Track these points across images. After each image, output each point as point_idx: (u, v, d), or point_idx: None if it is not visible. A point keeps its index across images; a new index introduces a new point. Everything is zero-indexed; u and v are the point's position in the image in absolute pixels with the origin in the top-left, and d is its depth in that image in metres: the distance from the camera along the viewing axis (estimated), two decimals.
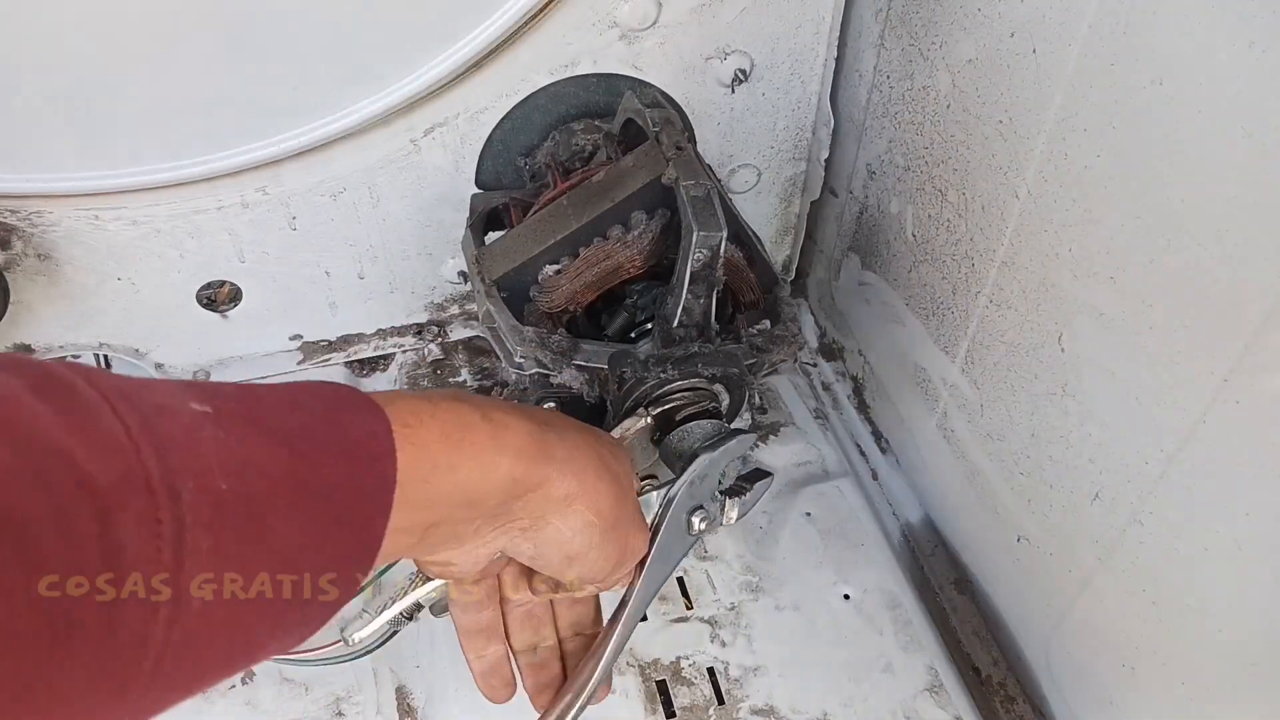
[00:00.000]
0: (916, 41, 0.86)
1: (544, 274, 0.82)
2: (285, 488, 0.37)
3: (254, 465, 0.36)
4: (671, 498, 0.65)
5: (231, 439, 0.36)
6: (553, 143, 0.97)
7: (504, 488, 0.48)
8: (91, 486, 0.30)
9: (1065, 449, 0.77)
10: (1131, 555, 0.72)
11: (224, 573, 0.34)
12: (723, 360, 0.74)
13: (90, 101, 0.84)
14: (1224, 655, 0.67)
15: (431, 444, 0.44)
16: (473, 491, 0.47)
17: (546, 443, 0.50)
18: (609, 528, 0.54)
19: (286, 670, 0.89)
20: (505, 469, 0.48)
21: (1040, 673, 0.90)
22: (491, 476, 0.47)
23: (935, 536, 1.05)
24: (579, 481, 0.52)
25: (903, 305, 0.99)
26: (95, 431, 0.32)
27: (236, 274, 1.04)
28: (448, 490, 0.45)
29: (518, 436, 0.49)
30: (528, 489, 0.50)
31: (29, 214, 0.92)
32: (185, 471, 0.33)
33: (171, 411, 0.35)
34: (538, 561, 0.55)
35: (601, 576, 0.58)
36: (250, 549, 0.35)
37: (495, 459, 0.47)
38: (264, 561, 0.36)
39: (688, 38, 0.93)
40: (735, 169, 1.07)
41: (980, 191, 0.81)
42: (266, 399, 0.39)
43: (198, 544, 0.33)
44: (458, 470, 0.45)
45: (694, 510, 0.67)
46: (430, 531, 0.46)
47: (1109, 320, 0.68)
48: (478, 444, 0.46)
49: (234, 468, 0.35)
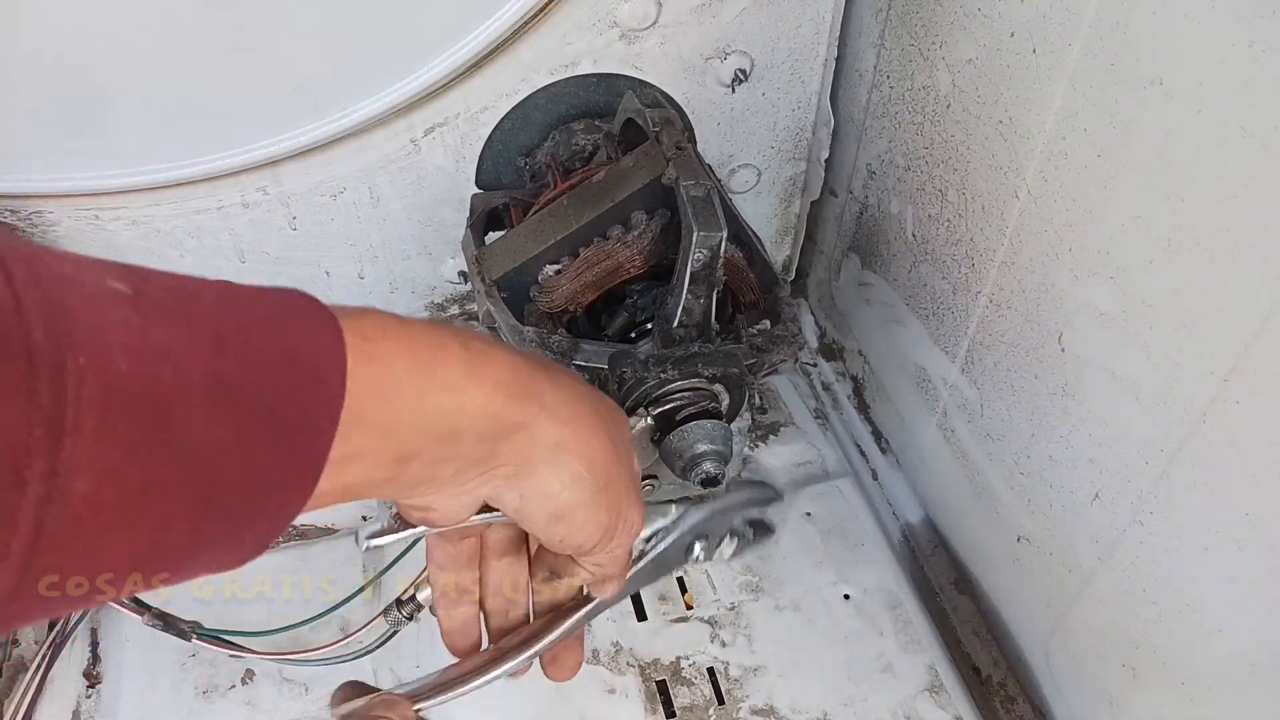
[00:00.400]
0: (916, 41, 0.86)
1: (544, 274, 0.82)
2: (204, 385, 0.32)
3: (168, 355, 0.32)
4: (682, 517, 0.65)
5: (147, 323, 0.32)
6: (553, 143, 0.97)
7: (482, 423, 0.44)
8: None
9: (1065, 449, 0.77)
10: (1131, 555, 0.72)
11: (117, 462, 0.30)
12: (723, 360, 0.74)
13: (90, 101, 0.84)
14: (1224, 655, 0.67)
15: (395, 363, 0.40)
16: (446, 423, 0.43)
17: (534, 382, 0.46)
18: (601, 487, 0.50)
19: (286, 670, 0.89)
20: (481, 400, 0.43)
21: (1040, 673, 0.90)
22: (466, 408, 0.43)
23: (935, 536, 1.05)
24: (572, 430, 0.48)
25: (903, 305, 0.99)
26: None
27: (237, 274, 1.04)
28: (416, 418, 0.41)
29: (499, 369, 0.45)
30: (511, 429, 0.46)
31: (29, 214, 0.92)
32: (76, 346, 0.29)
33: (78, 284, 0.31)
34: (522, 515, 0.50)
35: (589, 544, 0.53)
36: (151, 441, 0.31)
37: (471, 388, 0.43)
38: (169, 460, 0.32)
39: (688, 38, 0.93)
40: (735, 169, 1.07)
41: (980, 191, 0.81)
42: (203, 292, 0.35)
43: (81, 423, 0.29)
44: (426, 396, 0.41)
45: (700, 536, 0.66)
46: (402, 466, 0.42)
47: (1109, 320, 0.68)
48: (451, 370, 0.42)
49: (141, 351, 0.31)
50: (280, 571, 0.97)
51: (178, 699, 0.88)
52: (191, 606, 0.91)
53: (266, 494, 0.36)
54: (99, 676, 0.91)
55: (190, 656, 0.90)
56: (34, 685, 0.88)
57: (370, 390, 0.38)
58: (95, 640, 0.93)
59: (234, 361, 0.34)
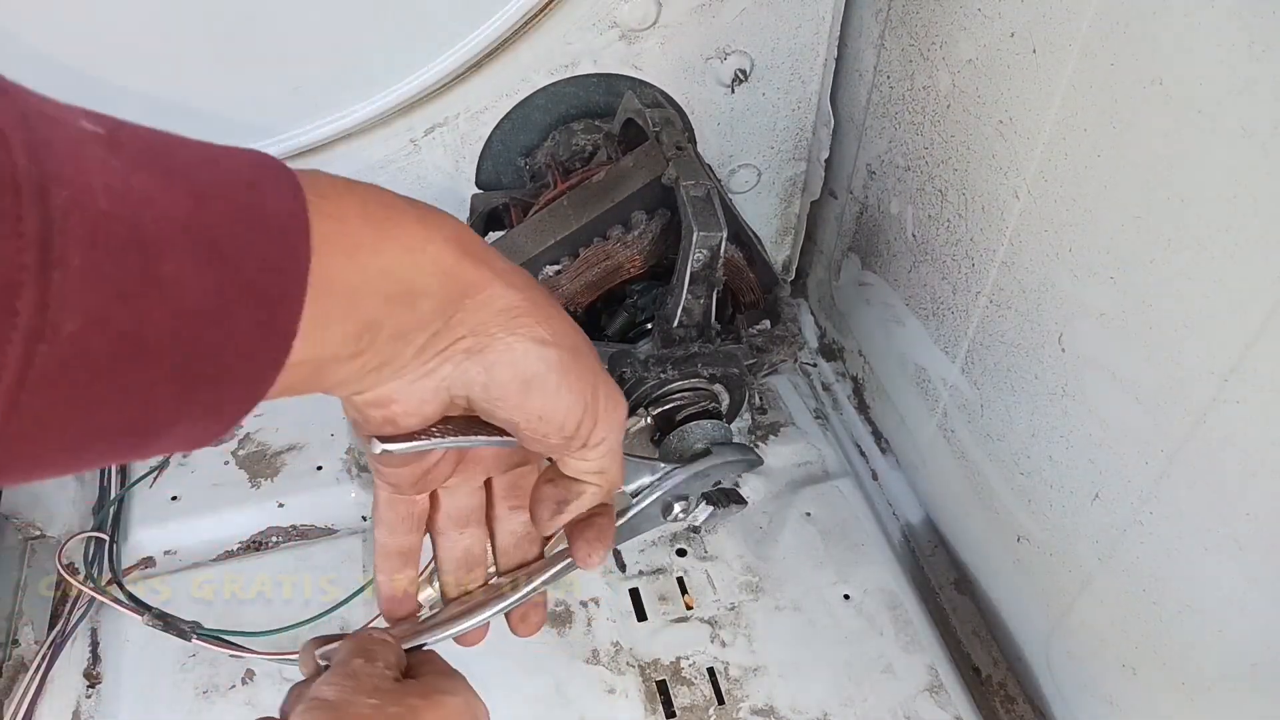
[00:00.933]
0: (916, 41, 0.86)
1: (544, 274, 0.82)
2: (184, 237, 0.32)
3: (148, 201, 0.31)
4: (669, 474, 0.65)
5: (124, 167, 0.31)
6: (553, 143, 0.97)
7: (437, 282, 0.43)
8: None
9: (1065, 449, 0.77)
10: (1131, 555, 0.72)
11: (104, 307, 0.30)
12: (723, 360, 0.74)
13: (89, 102, 0.84)
14: (1224, 655, 0.67)
15: (351, 219, 0.39)
16: (402, 281, 0.42)
17: (482, 247, 0.46)
18: (569, 350, 0.48)
19: (287, 670, 0.89)
20: (434, 255, 0.43)
21: (1040, 673, 0.90)
22: (422, 264, 0.42)
23: (935, 536, 1.05)
24: (526, 297, 0.46)
25: (903, 305, 0.99)
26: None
27: None
28: (374, 278, 0.40)
29: (448, 226, 0.44)
30: (466, 289, 0.44)
31: None
32: (60, 180, 0.29)
33: (59, 122, 0.31)
34: (491, 392, 0.47)
35: (572, 421, 0.49)
36: (136, 288, 0.30)
37: (423, 242, 0.42)
38: (153, 311, 0.31)
39: (688, 38, 0.93)
40: (735, 169, 1.07)
41: (980, 191, 0.81)
42: (178, 147, 0.35)
43: (67, 257, 0.28)
44: (384, 254, 0.41)
45: (680, 498, 0.66)
46: (367, 339, 0.42)
47: (1109, 320, 0.68)
48: (402, 225, 0.42)
49: (122, 194, 0.30)
50: (280, 571, 0.97)
51: (178, 699, 0.88)
52: (191, 606, 0.91)
53: (244, 358, 0.35)
54: (99, 676, 0.91)
55: (190, 656, 0.90)
56: (34, 685, 0.88)
57: (331, 248, 0.38)
58: (95, 640, 0.93)
59: (213, 217, 0.33)
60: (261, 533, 1.02)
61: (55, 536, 1.01)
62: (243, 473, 1.05)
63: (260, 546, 1.01)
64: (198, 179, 0.34)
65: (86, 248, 0.29)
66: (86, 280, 0.29)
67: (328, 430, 1.08)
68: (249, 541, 1.01)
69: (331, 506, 1.04)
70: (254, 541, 1.01)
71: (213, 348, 0.34)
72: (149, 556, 0.99)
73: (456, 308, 0.45)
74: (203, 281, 0.33)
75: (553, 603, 0.94)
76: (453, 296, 0.44)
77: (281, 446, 1.07)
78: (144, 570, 0.98)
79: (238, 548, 1.01)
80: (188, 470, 1.05)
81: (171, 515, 1.01)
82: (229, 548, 1.01)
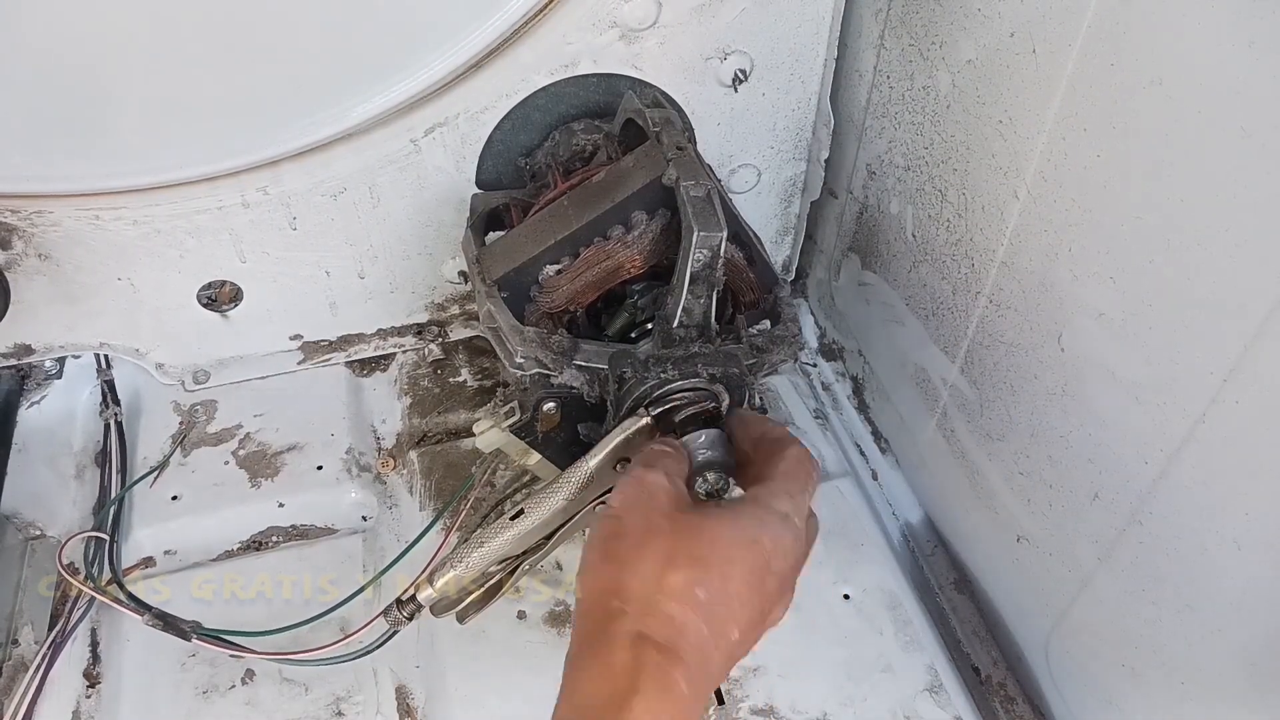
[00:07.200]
0: (916, 41, 0.86)
1: (544, 274, 0.82)
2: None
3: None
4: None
5: None
6: (553, 143, 0.97)
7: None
8: None
9: (1065, 449, 0.77)
10: (1131, 555, 0.72)
11: None
12: (723, 360, 0.74)
13: (91, 102, 0.85)
14: (1224, 655, 0.67)
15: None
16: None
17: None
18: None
19: (286, 670, 0.89)
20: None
21: (1040, 673, 0.90)
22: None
23: (935, 536, 1.05)
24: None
25: (903, 305, 0.99)
26: None
27: (237, 274, 1.04)
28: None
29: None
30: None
31: (29, 214, 0.92)
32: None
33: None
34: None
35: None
36: None
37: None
38: None
39: (688, 38, 0.93)
40: (735, 169, 1.07)
41: (980, 191, 0.81)
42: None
43: None
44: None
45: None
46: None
47: (1109, 320, 0.68)
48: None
49: None
50: (280, 571, 0.97)
51: (178, 699, 0.88)
52: (191, 606, 0.91)
53: None
54: (99, 676, 0.91)
55: (190, 656, 0.90)
56: (34, 685, 0.88)
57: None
58: (95, 640, 0.93)
59: None
60: (261, 533, 1.02)
61: (55, 536, 1.01)
62: (243, 473, 1.05)
63: (260, 546, 1.01)
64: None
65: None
66: None
67: (328, 430, 1.08)
68: (249, 541, 1.01)
69: (331, 506, 1.04)
70: (254, 541, 1.01)
71: None
72: (149, 556, 1.00)
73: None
74: None
75: (553, 603, 0.94)
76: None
77: (281, 446, 1.07)
78: (144, 570, 0.98)
79: (238, 548, 1.01)
80: (188, 470, 1.05)
81: (171, 515, 1.01)
82: (229, 548, 1.01)
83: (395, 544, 0.98)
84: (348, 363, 1.16)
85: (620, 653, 0.49)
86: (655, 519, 0.54)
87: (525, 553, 0.75)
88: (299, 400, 1.11)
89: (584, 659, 0.50)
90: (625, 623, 0.50)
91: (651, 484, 0.56)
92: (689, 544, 0.53)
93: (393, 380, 1.16)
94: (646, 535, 0.53)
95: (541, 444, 0.82)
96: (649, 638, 0.49)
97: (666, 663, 0.49)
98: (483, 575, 0.73)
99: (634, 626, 0.50)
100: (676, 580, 0.51)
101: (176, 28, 0.81)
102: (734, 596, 0.53)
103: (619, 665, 0.49)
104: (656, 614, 0.50)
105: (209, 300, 1.06)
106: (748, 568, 0.54)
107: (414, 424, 1.11)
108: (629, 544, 0.53)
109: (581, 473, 0.69)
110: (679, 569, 0.52)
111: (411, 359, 1.17)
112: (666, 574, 0.51)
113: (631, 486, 0.56)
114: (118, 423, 1.08)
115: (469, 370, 1.16)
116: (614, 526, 0.54)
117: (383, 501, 1.05)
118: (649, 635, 0.49)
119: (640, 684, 0.48)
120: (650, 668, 0.49)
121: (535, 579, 0.93)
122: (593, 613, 0.52)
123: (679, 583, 0.51)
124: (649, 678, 0.48)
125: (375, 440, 1.11)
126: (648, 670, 0.48)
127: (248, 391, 1.12)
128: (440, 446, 1.09)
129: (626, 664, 0.49)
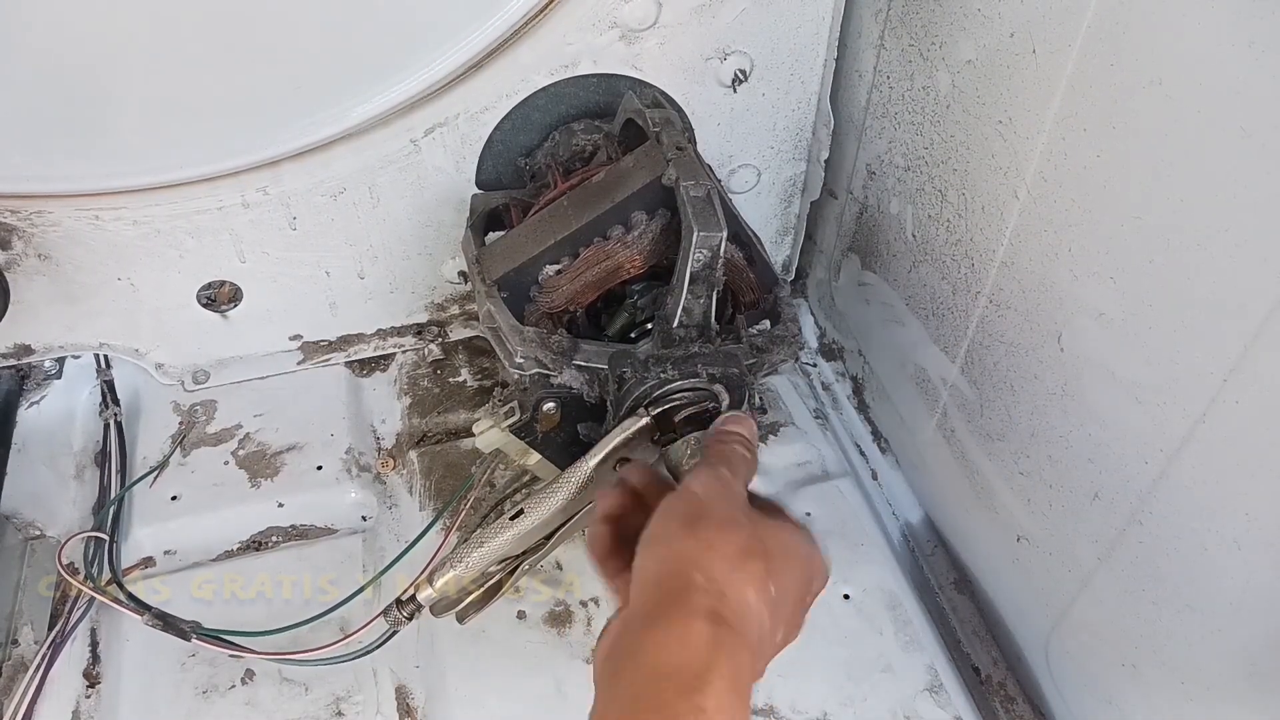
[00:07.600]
0: (916, 42, 0.86)
1: (544, 274, 0.82)
2: None
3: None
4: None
5: None
6: (553, 143, 0.97)
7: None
8: None
9: (1065, 449, 0.77)
10: (1131, 555, 0.72)
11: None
12: (723, 360, 0.74)
13: (91, 102, 0.85)
14: (1224, 655, 0.67)
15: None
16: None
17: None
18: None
19: (286, 670, 0.89)
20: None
21: (1040, 672, 0.90)
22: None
23: (935, 536, 1.05)
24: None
25: (903, 305, 0.99)
26: None
27: (237, 274, 1.04)
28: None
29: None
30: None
31: (29, 214, 0.92)
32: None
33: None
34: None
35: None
36: None
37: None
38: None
39: (688, 38, 0.93)
40: (735, 169, 1.07)
41: (980, 191, 0.81)
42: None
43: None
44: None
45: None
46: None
47: (1109, 320, 0.68)
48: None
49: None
50: (280, 571, 0.97)
51: (177, 699, 0.88)
52: (191, 606, 0.91)
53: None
54: (99, 676, 0.91)
55: (190, 656, 0.90)
56: (34, 685, 0.88)
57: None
58: (95, 640, 0.93)
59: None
60: (261, 533, 1.02)
61: (55, 536, 1.01)
62: (243, 473, 1.05)
63: (260, 546, 1.01)
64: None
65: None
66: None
67: (327, 430, 1.08)
68: (249, 541, 1.01)
69: (331, 506, 1.04)
70: (254, 541, 1.01)
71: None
72: (149, 556, 0.99)
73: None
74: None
75: (553, 603, 0.94)
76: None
77: (281, 446, 1.07)
78: (144, 570, 0.98)
79: (238, 548, 1.01)
80: (188, 470, 1.05)
81: (171, 515, 1.01)
82: (229, 548, 1.01)
83: (395, 544, 0.98)
84: (347, 363, 1.16)
85: (700, 624, 0.49)
86: (735, 513, 0.56)
87: (525, 553, 0.75)
88: (299, 400, 1.11)
89: (659, 624, 0.50)
90: (704, 598, 0.50)
91: (729, 482, 0.59)
92: (766, 541, 0.55)
93: (392, 380, 1.16)
94: (729, 523, 0.55)
95: (541, 444, 0.82)
96: (725, 619, 0.50)
97: (739, 645, 0.50)
98: (482, 575, 0.73)
99: (712, 604, 0.50)
100: (756, 569, 0.53)
101: (177, 28, 0.81)
102: (790, 601, 0.56)
103: (698, 638, 0.49)
104: (734, 596, 0.51)
105: (209, 300, 1.06)
106: (804, 579, 0.57)
107: (414, 424, 1.11)
108: (713, 525, 0.54)
109: (581, 473, 0.69)
110: (758, 559, 0.53)
111: (411, 359, 1.17)
112: (747, 562, 0.53)
113: (712, 480, 0.58)
114: (117, 423, 1.08)
115: (469, 370, 1.16)
116: (698, 506, 0.56)
117: (382, 501, 1.05)
118: (724, 616, 0.50)
119: (718, 661, 0.48)
120: (728, 646, 0.49)
121: (535, 579, 0.93)
122: (668, 581, 0.52)
123: (758, 572, 0.53)
124: (726, 656, 0.49)
125: (375, 440, 1.11)
126: (725, 649, 0.49)
127: (247, 391, 1.12)
128: (440, 446, 1.09)
129: (707, 638, 0.49)
